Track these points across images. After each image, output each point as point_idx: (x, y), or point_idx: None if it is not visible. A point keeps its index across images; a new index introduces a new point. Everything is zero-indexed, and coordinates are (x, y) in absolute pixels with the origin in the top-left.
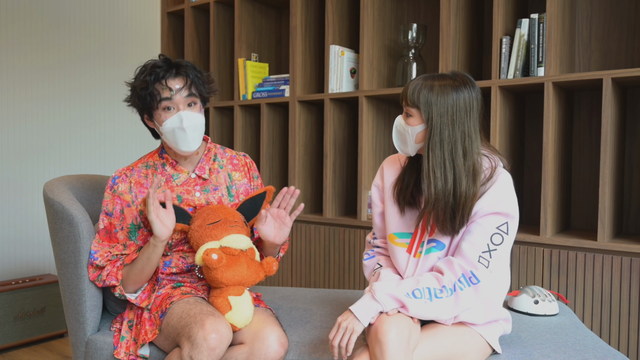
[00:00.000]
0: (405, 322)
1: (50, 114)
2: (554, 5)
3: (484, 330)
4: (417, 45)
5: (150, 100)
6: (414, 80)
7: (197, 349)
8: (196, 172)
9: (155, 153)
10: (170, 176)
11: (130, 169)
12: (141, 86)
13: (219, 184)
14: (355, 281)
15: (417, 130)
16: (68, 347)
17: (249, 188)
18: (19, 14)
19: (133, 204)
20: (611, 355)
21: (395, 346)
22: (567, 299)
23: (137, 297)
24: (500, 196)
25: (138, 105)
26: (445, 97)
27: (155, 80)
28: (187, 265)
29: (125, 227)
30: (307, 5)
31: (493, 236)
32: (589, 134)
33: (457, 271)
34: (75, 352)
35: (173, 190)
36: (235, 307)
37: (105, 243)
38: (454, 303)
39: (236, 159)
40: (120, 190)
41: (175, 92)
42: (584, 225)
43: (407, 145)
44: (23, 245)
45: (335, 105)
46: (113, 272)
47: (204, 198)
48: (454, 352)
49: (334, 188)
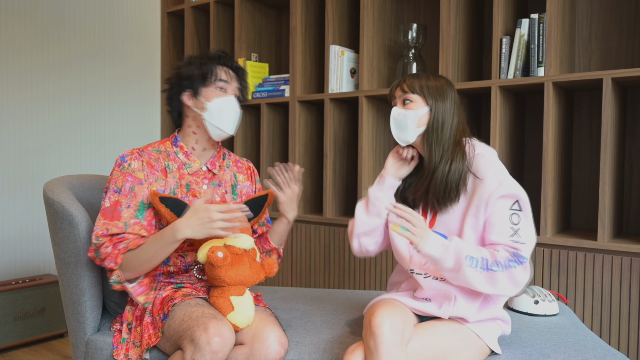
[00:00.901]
0: (399, 315)
1: (51, 114)
2: (554, 5)
3: (480, 329)
4: (417, 45)
5: (209, 75)
6: (404, 76)
7: (200, 352)
8: (207, 166)
9: (168, 141)
10: (183, 164)
11: (140, 150)
12: (202, 62)
13: (224, 181)
14: (355, 281)
15: (419, 114)
16: (68, 347)
17: (251, 191)
18: (19, 14)
19: (145, 182)
20: (611, 355)
21: (389, 338)
22: (567, 299)
23: (134, 287)
24: (499, 178)
25: (189, 78)
26: (444, 89)
27: (219, 62)
28: (185, 265)
29: (134, 205)
30: (307, 5)
31: (511, 217)
32: (589, 134)
33: (504, 253)
34: (75, 352)
35: (183, 178)
36: (238, 307)
37: (106, 221)
38: (508, 278)
39: (240, 162)
40: (133, 167)
41: (232, 79)
42: (584, 225)
43: (408, 132)
44: (23, 245)
45: (335, 105)
46: (113, 254)
47: (211, 192)
48: (448, 348)
49: (334, 188)
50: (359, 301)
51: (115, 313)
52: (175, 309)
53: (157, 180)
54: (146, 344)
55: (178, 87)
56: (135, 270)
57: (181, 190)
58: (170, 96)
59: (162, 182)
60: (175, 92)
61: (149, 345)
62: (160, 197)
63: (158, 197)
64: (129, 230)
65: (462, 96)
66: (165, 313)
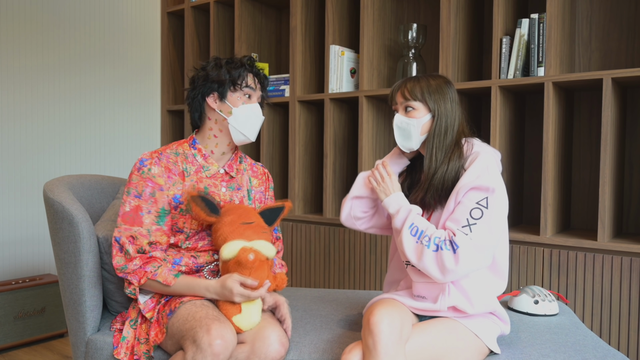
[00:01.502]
0: (397, 314)
1: (51, 114)
2: (554, 5)
3: (478, 328)
4: (417, 45)
5: (240, 80)
6: (404, 80)
7: (201, 354)
8: (225, 169)
9: (186, 142)
10: (201, 167)
11: (159, 153)
12: (233, 66)
13: (242, 185)
14: (355, 281)
15: (422, 121)
16: (68, 347)
17: (263, 197)
18: (19, 14)
19: (165, 188)
20: (611, 355)
21: (387, 337)
22: (567, 299)
23: (146, 302)
24: (479, 171)
25: (218, 81)
26: (444, 90)
27: (248, 69)
28: (196, 266)
29: (154, 211)
30: (307, 5)
31: (472, 211)
32: (589, 134)
33: (442, 233)
34: (75, 352)
35: (202, 181)
36: (245, 311)
37: (127, 227)
38: (435, 258)
39: (255, 167)
40: (153, 172)
41: (257, 88)
42: (584, 225)
43: (412, 140)
44: (23, 245)
45: (335, 105)
46: (140, 274)
47: (229, 195)
48: (447, 347)
49: (334, 188)
50: (359, 301)
51: (115, 312)
52: (181, 307)
53: (175, 185)
54: (153, 341)
55: (204, 89)
56: (153, 291)
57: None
58: (193, 96)
59: (180, 185)
60: (200, 92)
61: (155, 342)
62: (196, 196)
63: (192, 195)
64: (153, 237)
65: (462, 96)
66: (172, 309)
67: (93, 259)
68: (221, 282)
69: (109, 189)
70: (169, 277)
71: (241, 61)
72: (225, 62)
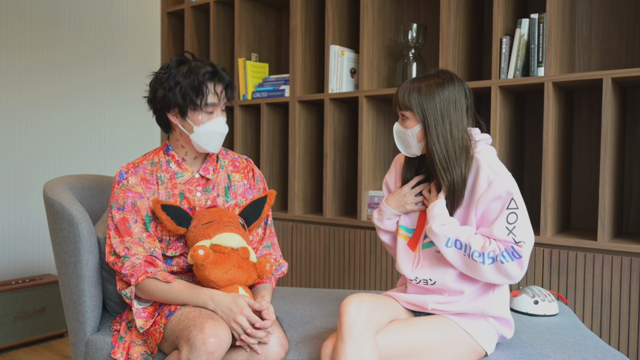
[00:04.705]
0: (369, 301)
1: (50, 114)
2: (554, 5)
3: (468, 324)
4: (417, 45)
5: (197, 100)
6: (402, 85)
7: (195, 352)
8: (200, 172)
9: (160, 150)
10: (175, 173)
11: (135, 165)
12: (190, 85)
13: (217, 183)
14: (355, 281)
15: (416, 131)
16: (68, 347)
17: (249, 192)
18: (19, 14)
19: (145, 196)
20: (611, 355)
21: (353, 318)
22: (567, 299)
23: (139, 309)
24: (490, 179)
25: (174, 102)
26: (433, 96)
27: (206, 82)
28: (187, 265)
29: (140, 219)
30: (307, 5)
31: (508, 217)
32: (589, 134)
33: (499, 246)
34: (75, 352)
35: (176, 187)
36: None
37: (121, 238)
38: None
39: (238, 161)
40: (132, 183)
41: (221, 99)
42: (584, 225)
43: (411, 147)
44: (23, 245)
45: (335, 105)
46: (140, 272)
47: (204, 199)
48: (432, 342)
49: (334, 188)
50: None
51: (115, 313)
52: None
53: (154, 194)
54: (155, 341)
55: (164, 103)
56: (150, 297)
57: (174, 200)
58: (154, 108)
59: (156, 194)
60: (160, 107)
61: (158, 341)
62: (162, 205)
63: (160, 204)
64: (147, 245)
65: None
66: (172, 310)
67: (93, 259)
68: (233, 296)
69: (109, 189)
70: (169, 277)
71: (203, 74)
72: (184, 76)
